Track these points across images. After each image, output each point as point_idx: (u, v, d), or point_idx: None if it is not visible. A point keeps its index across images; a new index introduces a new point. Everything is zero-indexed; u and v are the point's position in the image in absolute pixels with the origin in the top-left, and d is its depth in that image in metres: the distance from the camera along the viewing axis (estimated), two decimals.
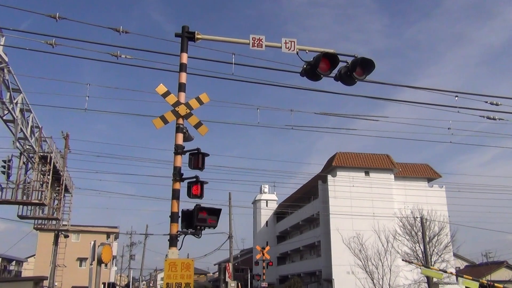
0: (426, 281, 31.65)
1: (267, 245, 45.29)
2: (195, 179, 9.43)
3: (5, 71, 15.12)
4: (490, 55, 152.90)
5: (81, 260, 53.74)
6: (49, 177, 22.68)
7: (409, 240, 33.58)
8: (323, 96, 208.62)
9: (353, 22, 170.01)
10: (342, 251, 38.03)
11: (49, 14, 10.26)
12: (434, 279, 32.34)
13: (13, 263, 70.42)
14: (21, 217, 23.69)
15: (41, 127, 21.70)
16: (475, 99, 13.17)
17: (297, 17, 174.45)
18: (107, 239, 56.09)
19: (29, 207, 23.66)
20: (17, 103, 17.21)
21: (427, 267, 24.23)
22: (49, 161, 22.73)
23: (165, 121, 9.75)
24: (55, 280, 28.76)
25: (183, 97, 9.96)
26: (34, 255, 59.64)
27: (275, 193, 73.99)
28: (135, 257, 67.40)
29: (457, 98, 12.91)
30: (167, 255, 9.06)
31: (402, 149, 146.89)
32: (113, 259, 60.92)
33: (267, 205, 73.98)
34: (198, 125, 10.00)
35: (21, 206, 22.84)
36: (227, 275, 32.11)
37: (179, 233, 9.18)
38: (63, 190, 27.20)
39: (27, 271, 65.22)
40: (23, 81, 19.29)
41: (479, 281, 17.34)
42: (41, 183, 22.37)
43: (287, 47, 10.54)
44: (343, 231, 39.31)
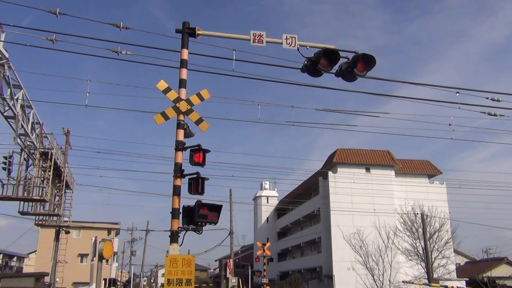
0: (426, 277, 31.69)
1: (267, 242, 45.32)
2: (196, 175, 9.42)
3: (6, 67, 15.11)
4: (491, 51, 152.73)
5: (82, 256, 53.86)
6: (50, 173, 22.72)
7: (409, 236, 33.59)
8: (324, 92, 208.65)
9: (354, 18, 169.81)
10: (342, 247, 38.05)
11: (50, 10, 10.24)
12: (434, 275, 32.43)
13: (15, 259, 70.63)
14: (22, 213, 23.74)
15: (41, 123, 21.73)
16: (476, 95, 13.14)
17: (298, 13, 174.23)
18: (108, 235, 56.16)
19: (30, 203, 23.71)
20: (17, 99, 17.22)
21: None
22: (50, 157, 22.76)
23: (166, 117, 9.73)
24: (56, 276, 28.82)
25: (183, 93, 9.94)
26: (35, 251, 59.83)
27: (276, 189, 74.07)
28: (136, 253, 67.54)
29: (458, 94, 12.87)
30: (168, 251, 9.06)
31: (402, 145, 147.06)
32: (114, 255, 61.03)
33: (267, 202, 74.00)
34: (199, 121, 9.98)
35: (22, 202, 22.89)
36: (228, 271, 32.12)
37: (180, 229, 9.18)
38: (64, 186, 27.24)
39: (28, 267, 65.43)
40: (23, 77, 19.32)
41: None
42: (42, 179, 22.41)
43: (288, 43, 10.51)
44: (344, 227, 39.31)
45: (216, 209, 9.43)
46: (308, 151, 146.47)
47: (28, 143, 20.96)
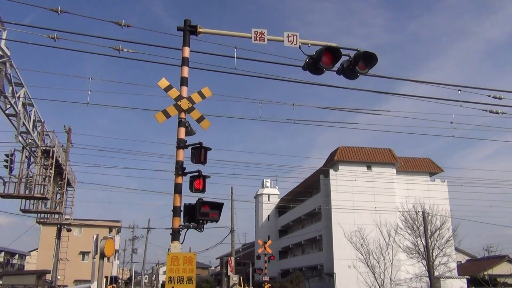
0: (427, 275, 31.70)
1: (269, 239, 45.35)
2: (197, 173, 9.43)
3: (7, 65, 15.12)
4: (492, 49, 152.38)
5: (84, 254, 53.98)
6: (51, 171, 22.74)
7: (410, 234, 33.58)
8: (325, 90, 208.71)
9: (355, 16, 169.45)
10: (343, 245, 38.07)
11: (51, 8, 10.23)
12: (435, 273, 32.43)
13: (16, 256, 70.88)
14: (24, 211, 23.77)
15: (43, 121, 21.74)
16: (477, 93, 13.11)
17: (299, 11, 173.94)
18: (110, 233, 56.29)
19: (32, 201, 23.73)
20: (19, 97, 17.24)
21: None
22: (51, 155, 22.78)
23: (167, 115, 9.74)
24: (57, 273, 28.89)
25: (185, 91, 9.94)
26: (37, 249, 59.95)
27: (277, 187, 74.06)
28: (138, 251, 67.74)
29: (459, 92, 12.85)
30: (169, 249, 9.08)
31: (404, 143, 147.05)
32: (116, 253, 61.20)
33: (269, 199, 74.06)
34: (200, 119, 9.98)
35: (23, 200, 22.92)
36: (229, 269, 32.20)
37: (181, 227, 9.20)
38: (66, 184, 27.28)
39: (30, 264, 65.63)
40: (25, 75, 19.35)
41: None
42: (44, 177, 22.43)
43: (290, 40, 10.50)
44: (345, 225, 39.31)
45: (217, 207, 9.43)
46: (309, 149, 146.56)
47: (29, 141, 20.97)
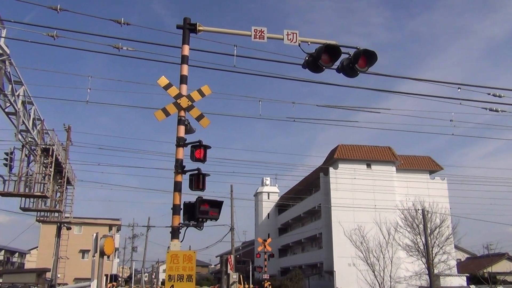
0: (427, 272, 31.75)
1: (268, 237, 45.42)
2: (197, 172, 9.43)
3: (7, 63, 15.11)
4: (492, 47, 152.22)
5: (84, 252, 54.05)
6: (51, 169, 22.74)
7: (410, 232, 33.63)
8: (325, 88, 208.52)
9: (355, 15, 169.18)
10: (343, 243, 38.12)
11: (51, 6, 10.21)
12: (435, 271, 32.47)
13: (16, 255, 70.88)
14: (24, 209, 23.80)
15: (43, 119, 21.73)
16: (477, 91, 13.12)
17: (299, 10, 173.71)
18: (109, 231, 56.30)
19: (32, 200, 23.77)
20: (19, 96, 17.23)
21: None
22: (51, 153, 22.79)
23: (166, 113, 9.73)
24: (57, 272, 28.90)
25: (184, 89, 9.93)
26: (37, 247, 60.03)
27: (277, 185, 74.18)
28: (137, 249, 67.81)
29: (459, 90, 12.85)
30: (169, 247, 9.08)
31: (404, 141, 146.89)
32: (116, 251, 61.21)
33: (268, 198, 74.11)
34: (199, 118, 9.97)
35: (23, 198, 22.95)
36: (229, 267, 32.15)
37: (181, 225, 9.20)
38: (65, 182, 27.30)
39: (30, 263, 65.65)
40: (24, 73, 19.29)
41: None
42: (43, 175, 22.44)
43: (289, 38, 10.47)
44: (345, 223, 39.33)
45: (217, 205, 9.43)
46: (309, 147, 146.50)
47: (29, 139, 20.97)
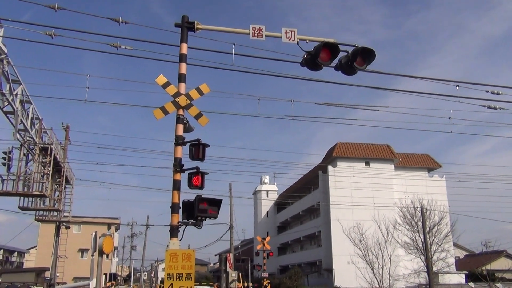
0: (426, 270, 31.79)
1: (267, 236, 45.44)
2: (195, 170, 9.42)
3: (5, 62, 15.07)
4: (490, 45, 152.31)
5: (83, 251, 54.04)
6: (49, 168, 22.72)
7: (409, 230, 33.63)
8: (323, 86, 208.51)
9: (353, 12, 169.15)
10: (342, 241, 38.14)
11: (48, 5, 10.19)
12: (434, 269, 32.52)
13: (15, 254, 70.90)
14: (23, 209, 23.76)
15: (41, 118, 21.69)
16: (475, 89, 13.11)
17: (297, 8, 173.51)
18: (108, 230, 56.26)
19: (30, 199, 23.72)
20: (17, 95, 17.19)
21: None
22: (49, 152, 22.76)
23: (165, 112, 9.72)
24: (56, 271, 28.89)
25: (183, 87, 9.92)
26: (35, 246, 60.01)
27: (276, 183, 74.28)
28: (136, 248, 67.80)
29: (457, 87, 12.85)
30: (168, 246, 9.08)
31: (402, 139, 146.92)
32: (115, 250, 61.27)
33: (267, 196, 74.17)
34: (198, 116, 9.96)
35: (22, 197, 22.90)
36: (228, 266, 32.16)
37: (180, 224, 9.19)
38: (64, 181, 27.26)
39: (29, 262, 65.60)
40: (22, 72, 19.25)
41: None
42: (42, 174, 22.41)
43: (288, 36, 10.46)
44: (343, 221, 39.37)
45: (216, 204, 9.43)
46: (308, 145, 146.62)
47: (27, 138, 20.94)
